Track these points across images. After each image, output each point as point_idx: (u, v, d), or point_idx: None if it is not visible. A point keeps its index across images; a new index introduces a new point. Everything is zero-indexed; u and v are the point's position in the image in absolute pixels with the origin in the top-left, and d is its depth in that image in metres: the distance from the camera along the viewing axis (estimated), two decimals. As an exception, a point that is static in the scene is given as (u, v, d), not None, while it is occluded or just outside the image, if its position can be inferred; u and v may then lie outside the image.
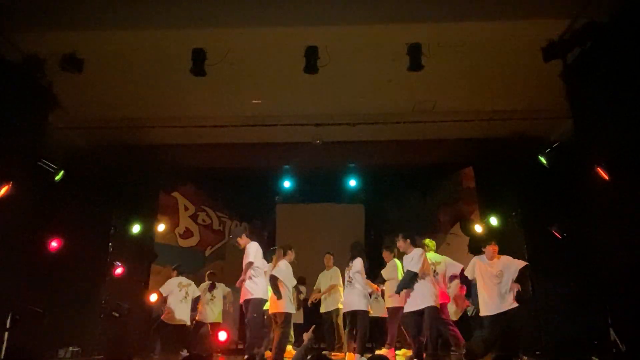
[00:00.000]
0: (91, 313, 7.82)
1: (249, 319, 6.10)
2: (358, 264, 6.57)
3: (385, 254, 7.17)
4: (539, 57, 5.57)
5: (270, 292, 6.19)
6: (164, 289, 7.84)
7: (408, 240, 6.08)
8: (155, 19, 5.42)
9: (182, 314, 7.72)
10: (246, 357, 5.87)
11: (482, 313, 6.17)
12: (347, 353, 6.67)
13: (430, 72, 5.80)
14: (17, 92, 5.70)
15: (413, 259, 5.90)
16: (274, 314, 6.19)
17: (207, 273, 8.65)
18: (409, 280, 5.85)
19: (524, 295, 6.10)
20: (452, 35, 5.66)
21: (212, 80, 5.93)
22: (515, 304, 5.90)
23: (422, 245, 6.54)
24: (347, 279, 6.73)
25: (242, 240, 6.47)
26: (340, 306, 7.30)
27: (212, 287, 8.24)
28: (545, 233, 7.47)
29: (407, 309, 5.91)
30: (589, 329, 6.50)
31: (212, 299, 8.16)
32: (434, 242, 7.42)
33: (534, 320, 7.37)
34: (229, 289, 8.28)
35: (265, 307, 6.39)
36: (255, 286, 6.16)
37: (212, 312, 8.13)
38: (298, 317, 8.03)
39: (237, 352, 8.86)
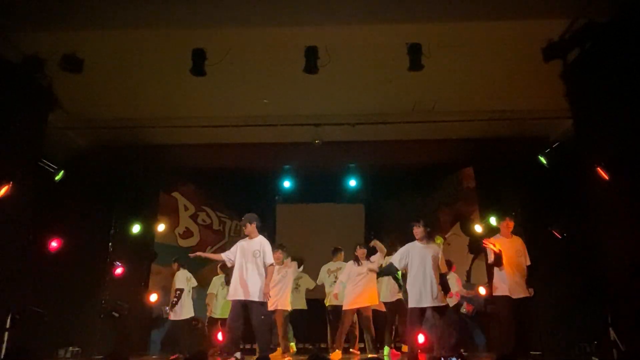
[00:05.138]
0: (91, 313, 7.83)
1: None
2: None
3: None
4: (539, 57, 5.58)
5: None
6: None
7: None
8: (155, 19, 5.42)
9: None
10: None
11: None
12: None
13: (430, 72, 5.79)
14: (17, 92, 5.71)
15: None
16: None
17: (219, 266, 8.23)
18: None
19: None
20: (452, 35, 5.66)
21: (212, 80, 5.94)
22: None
23: None
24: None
25: (251, 229, 5.89)
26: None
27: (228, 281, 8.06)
28: (546, 233, 7.47)
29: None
30: (589, 329, 6.51)
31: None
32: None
33: (534, 320, 7.37)
34: None
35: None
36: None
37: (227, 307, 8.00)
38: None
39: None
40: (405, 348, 6.93)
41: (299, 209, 10.55)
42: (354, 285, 6.77)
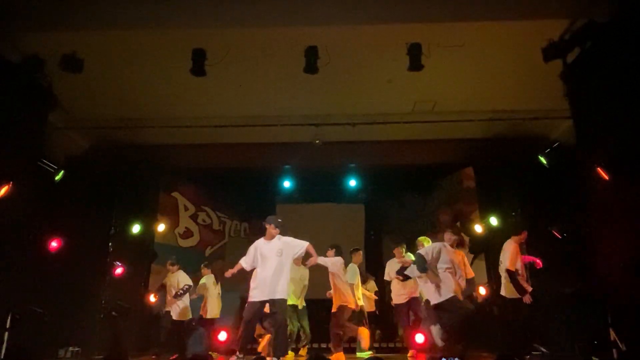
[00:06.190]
0: (91, 313, 7.82)
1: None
2: None
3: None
4: (539, 57, 5.58)
5: None
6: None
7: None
8: (155, 19, 5.43)
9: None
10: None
11: None
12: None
13: (430, 72, 5.80)
14: (17, 92, 5.71)
15: None
16: None
17: (202, 267, 8.27)
18: None
19: None
20: (452, 35, 5.66)
21: (212, 80, 5.94)
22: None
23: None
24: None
25: (274, 230, 5.89)
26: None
27: (217, 280, 8.04)
28: (546, 233, 7.47)
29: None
30: (589, 329, 6.51)
31: (219, 293, 8.01)
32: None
33: (534, 320, 7.37)
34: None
35: None
36: None
37: (218, 307, 8.02)
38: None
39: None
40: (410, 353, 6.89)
41: (299, 209, 10.55)
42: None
